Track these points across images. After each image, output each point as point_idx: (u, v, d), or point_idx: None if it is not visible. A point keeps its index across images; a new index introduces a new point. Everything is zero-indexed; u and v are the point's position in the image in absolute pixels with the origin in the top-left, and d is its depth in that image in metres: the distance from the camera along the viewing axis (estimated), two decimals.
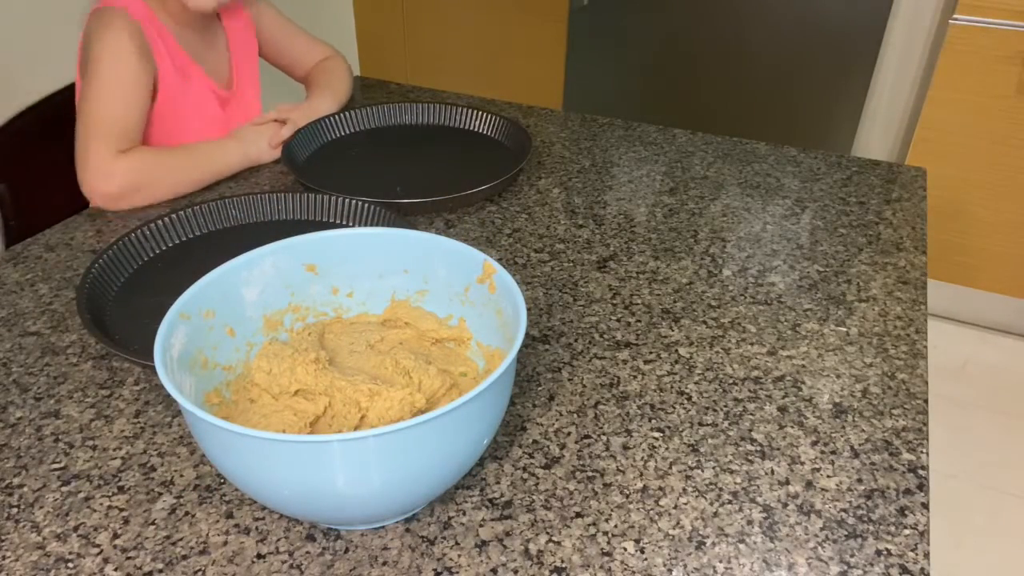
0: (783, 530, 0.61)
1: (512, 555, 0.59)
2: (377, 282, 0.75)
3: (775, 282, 0.92)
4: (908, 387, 0.76)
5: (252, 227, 0.99)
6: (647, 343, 0.81)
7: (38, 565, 0.58)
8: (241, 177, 1.14)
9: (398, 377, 0.67)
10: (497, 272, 0.67)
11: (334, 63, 1.34)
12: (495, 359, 0.69)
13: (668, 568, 0.58)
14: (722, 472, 0.66)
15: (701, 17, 2.21)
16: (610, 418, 0.72)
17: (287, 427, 0.61)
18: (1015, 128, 1.90)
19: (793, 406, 0.74)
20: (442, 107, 1.29)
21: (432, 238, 0.71)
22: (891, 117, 2.20)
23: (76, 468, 0.66)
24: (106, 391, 0.74)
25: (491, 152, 1.21)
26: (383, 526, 0.61)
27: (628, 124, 1.32)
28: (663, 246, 0.98)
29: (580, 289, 0.90)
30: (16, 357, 0.78)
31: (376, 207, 0.98)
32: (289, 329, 0.73)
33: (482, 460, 0.67)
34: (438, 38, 2.70)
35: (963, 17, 1.84)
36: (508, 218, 1.04)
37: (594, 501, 0.63)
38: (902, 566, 0.59)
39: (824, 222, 1.05)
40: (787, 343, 0.82)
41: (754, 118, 2.27)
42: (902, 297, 0.90)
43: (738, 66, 2.23)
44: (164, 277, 0.89)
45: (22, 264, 0.93)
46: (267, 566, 0.58)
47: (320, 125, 1.22)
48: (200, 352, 0.64)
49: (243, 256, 0.68)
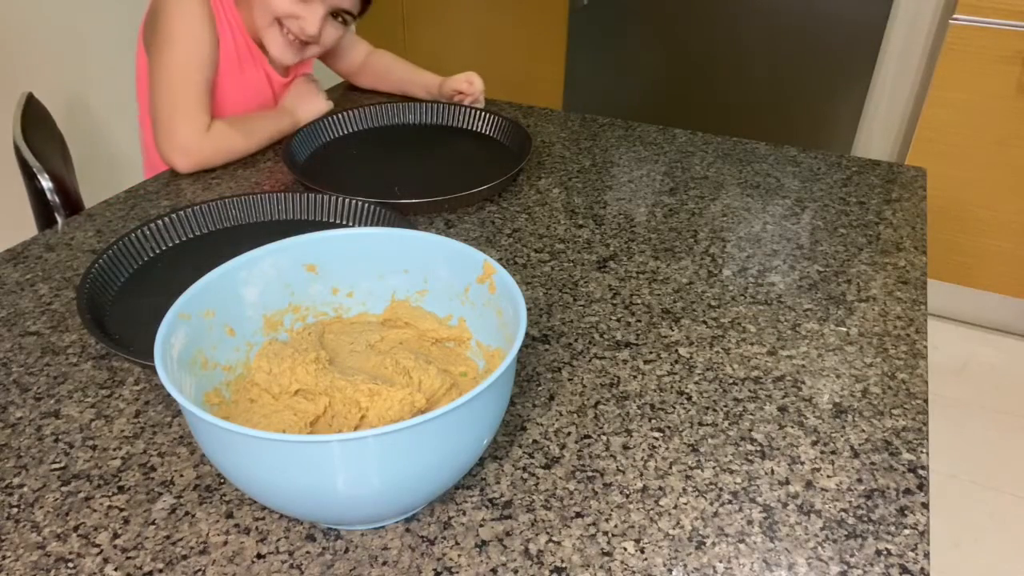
0: (783, 530, 0.61)
1: (512, 555, 0.59)
2: (377, 282, 0.75)
3: (775, 282, 0.92)
4: (908, 387, 0.76)
5: (252, 227, 0.99)
6: (647, 343, 0.81)
7: (38, 565, 0.58)
8: (241, 177, 1.14)
9: (398, 377, 0.67)
10: (497, 272, 0.67)
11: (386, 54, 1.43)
12: (495, 359, 0.69)
13: (668, 568, 0.58)
14: (722, 472, 0.66)
15: (701, 17, 2.21)
16: (610, 418, 0.72)
17: (287, 427, 0.61)
18: (1015, 128, 1.90)
19: (793, 406, 0.74)
20: (442, 107, 1.29)
21: (432, 238, 0.71)
22: (891, 117, 2.21)
23: (76, 468, 0.66)
24: (106, 391, 0.74)
25: (491, 152, 1.21)
26: (383, 526, 0.61)
27: (628, 124, 1.32)
28: (663, 246, 0.98)
29: (580, 289, 0.90)
30: (16, 357, 0.78)
31: (376, 207, 0.98)
32: (289, 329, 0.73)
33: (482, 460, 0.67)
34: (438, 38, 2.70)
35: (963, 17, 1.84)
36: (508, 218, 1.04)
37: (594, 501, 0.63)
38: (902, 566, 0.59)
39: (824, 222, 1.05)
40: (787, 343, 0.82)
41: (754, 118, 2.27)
42: (902, 297, 0.90)
43: (738, 66, 2.23)
44: (164, 277, 0.89)
45: (22, 264, 0.93)
46: (267, 566, 0.58)
47: (320, 125, 1.22)
48: (200, 352, 0.64)
49: (243, 256, 0.68)
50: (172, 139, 1.10)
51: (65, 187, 1.18)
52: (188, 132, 1.10)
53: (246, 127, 1.17)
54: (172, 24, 1.09)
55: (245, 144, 1.17)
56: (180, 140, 1.10)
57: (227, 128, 1.15)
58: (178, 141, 1.10)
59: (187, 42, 1.10)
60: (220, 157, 1.14)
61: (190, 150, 1.10)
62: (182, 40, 1.09)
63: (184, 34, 1.09)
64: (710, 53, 2.24)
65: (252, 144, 1.18)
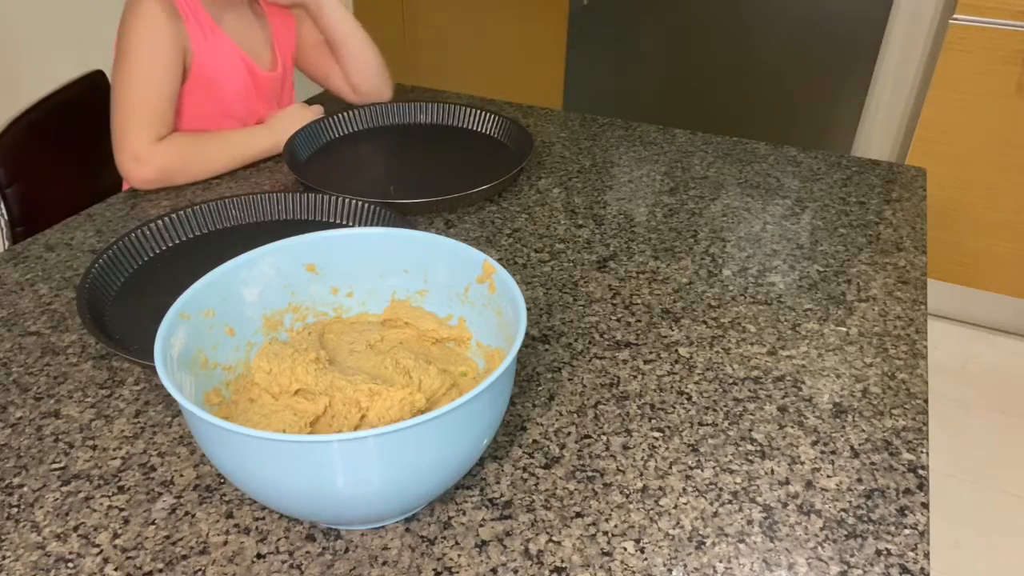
0: (783, 530, 0.61)
1: (512, 555, 0.59)
2: (377, 282, 0.75)
3: (775, 282, 0.92)
4: (908, 387, 0.76)
5: (252, 227, 0.99)
6: (647, 343, 0.81)
7: (38, 565, 0.58)
8: (241, 177, 1.14)
9: (398, 377, 0.67)
10: (497, 272, 0.67)
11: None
12: (495, 359, 0.69)
13: (668, 568, 0.58)
14: (722, 472, 0.66)
15: (701, 17, 2.21)
16: (610, 418, 0.72)
17: (287, 427, 0.61)
18: (1015, 128, 1.90)
19: (793, 406, 0.74)
20: (442, 107, 1.29)
21: (432, 238, 0.71)
22: (891, 117, 2.21)
23: (76, 468, 0.66)
24: (106, 391, 0.74)
25: (491, 152, 1.21)
26: (383, 526, 0.61)
27: (628, 124, 1.32)
28: (663, 246, 0.98)
29: (580, 289, 0.90)
30: (16, 357, 0.78)
31: (376, 207, 0.98)
32: (289, 329, 0.73)
33: (482, 460, 0.67)
34: (438, 38, 2.70)
35: (963, 17, 1.84)
36: (508, 218, 1.04)
37: (594, 501, 0.63)
38: (902, 566, 0.59)
39: (824, 222, 1.05)
40: (787, 343, 0.82)
41: (754, 118, 2.27)
42: (902, 297, 0.90)
43: (738, 66, 2.23)
44: (164, 277, 0.89)
45: (22, 264, 0.93)
46: (267, 566, 0.58)
47: (320, 125, 1.22)
48: (200, 352, 0.64)
49: (243, 256, 0.68)
50: (124, 147, 1.07)
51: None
52: (140, 140, 1.06)
53: (214, 138, 1.14)
54: (129, 33, 1.07)
55: (211, 154, 1.12)
56: (132, 147, 1.06)
57: (186, 138, 1.11)
58: (130, 149, 1.06)
59: (143, 51, 1.07)
60: (181, 167, 1.09)
61: (142, 158, 1.06)
62: (138, 49, 1.07)
63: (140, 42, 1.07)
64: (710, 53, 2.24)
65: (219, 156, 1.13)
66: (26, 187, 1.16)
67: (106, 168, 1.18)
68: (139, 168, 1.07)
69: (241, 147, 1.15)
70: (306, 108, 1.24)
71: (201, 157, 1.12)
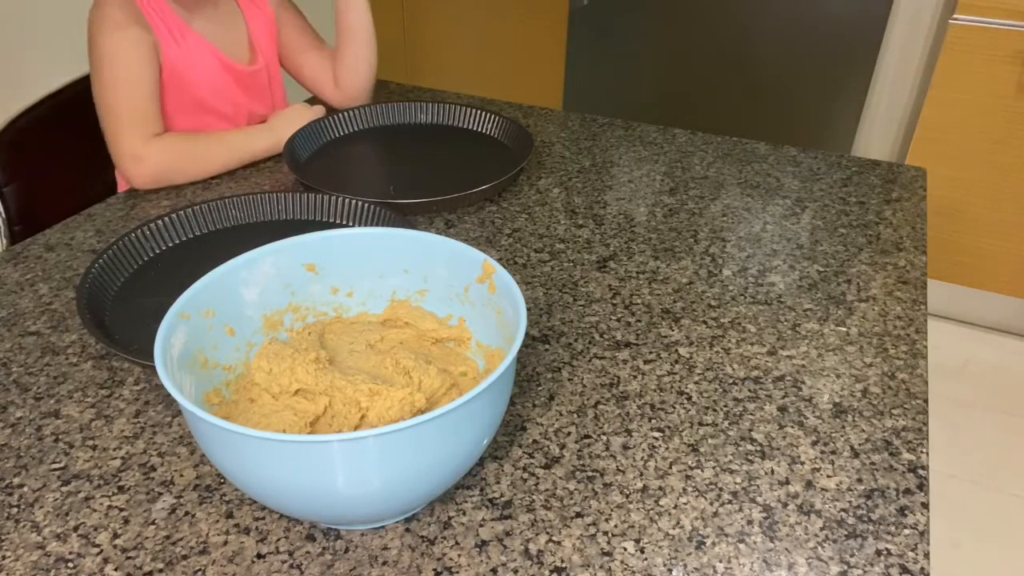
0: (783, 530, 0.61)
1: (512, 555, 0.59)
2: (377, 282, 0.75)
3: (775, 282, 0.92)
4: (908, 387, 0.76)
5: (252, 227, 0.99)
6: (647, 343, 0.81)
7: (38, 565, 0.58)
8: (241, 177, 1.14)
9: (398, 377, 0.67)
10: (497, 272, 0.67)
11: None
12: (495, 359, 0.69)
13: (668, 568, 0.58)
14: (722, 472, 0.66)
15: (701, 17, 2.21)
16: (610, 418, 0.72)
17: (287, 427, 0.61)
18: (1015, 128, 1.90)
19: (793, 406, 0.74)
20: (442, 107, 1.29)
21: (432, 238, 0.71)
22: (891, 117, 2.21)
23: (76, 468, 0.66)
24: (106, 391, 0.74)
25: (491, 152, 1.21)
26: (383, 526, 0.61)
27: (628, 124, 1.32)
28: (663, 246, 0.98)
29: (580, 289, 0.90)
30: (16, 357, 0.78)
31: (376, 207, 0.98)
32: (289, 329, 0.73)
33: (482, 460, 0.67)
34: (438, 38, 2.70)
35: (963, 17, 1.84)
36: (508, 218, 1.04)
37: (594, 501, 0.63)
38: (902, 566, 0.59)
39: (824, 222, 1.05)
40: (787, 343, 0.82)
41: (754, 118, 2.27)
42: (902, 297, 0.90)
43: (738, 66, 2.23)
44: (164, 277, 0.89)
45: (22, 264, 0.93)
46: (267, 566, 0.58)
47: (320, 125, 1.22)
48: (200, 352, 0.64)
49: (243, 256, 0.68)
50: (120, 150, 1.09)
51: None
52: (134, 140, 1.08)
53: (213, 138, 1.14)
54: (97, 42, 1.07)
55: (211, 154, 1.13)
56: (128, 149, 1.08)
57: (184, 137, 1.12)
58: (127, 151, 1.08)
59: (115, 55, 1.07)
60: (180, 166, 1.10)
61: (140, 156, 1.08)
62: (110, 55, 1.07)
63: (110, 48, 1.07)
64: (710, 53, 2.24)
65: (219, 155, 1.13)
66: (24, 186, 1.16)
67: (105, 168, 1.18)
68: (139, 167, 1.08)
69: (241, 147, 1.16)
70: (307, 108, 1.24)
71: (200, 156, 1.12)
